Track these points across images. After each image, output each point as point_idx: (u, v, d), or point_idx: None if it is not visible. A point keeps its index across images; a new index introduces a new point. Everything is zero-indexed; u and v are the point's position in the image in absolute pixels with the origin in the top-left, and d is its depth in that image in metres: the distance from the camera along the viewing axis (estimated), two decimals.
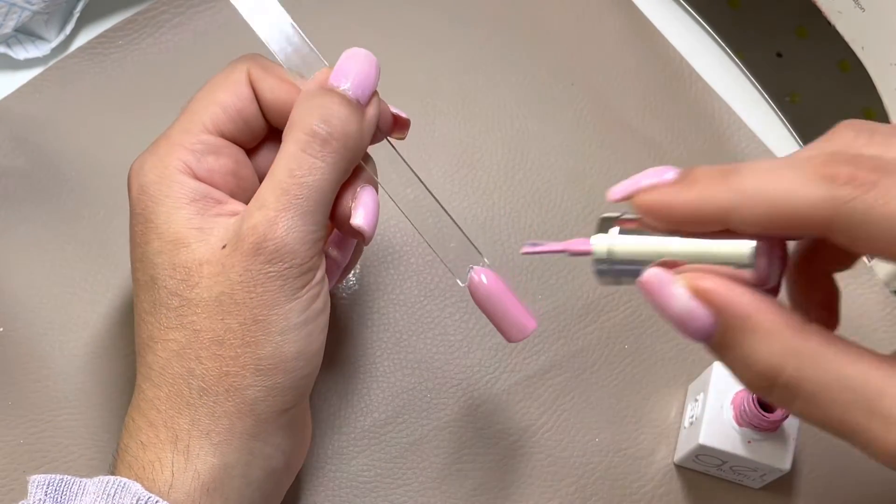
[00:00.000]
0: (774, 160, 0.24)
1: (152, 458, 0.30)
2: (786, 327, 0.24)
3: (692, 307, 0.24)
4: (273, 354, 0.31)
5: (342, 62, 0.33)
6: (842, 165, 0.22)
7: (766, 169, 0.24)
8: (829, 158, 0.23)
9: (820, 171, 0.22)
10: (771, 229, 0.24)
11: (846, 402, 0.23)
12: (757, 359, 0.24)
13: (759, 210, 0.23)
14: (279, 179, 0.31)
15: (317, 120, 0.31)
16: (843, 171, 0.22)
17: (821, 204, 0.22)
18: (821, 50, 0.68)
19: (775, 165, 0.23)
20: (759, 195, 0.23)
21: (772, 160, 0.24)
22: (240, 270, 0.30)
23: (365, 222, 0.33)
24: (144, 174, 0.32)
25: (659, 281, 0.25)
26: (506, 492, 0.39)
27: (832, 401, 0.23)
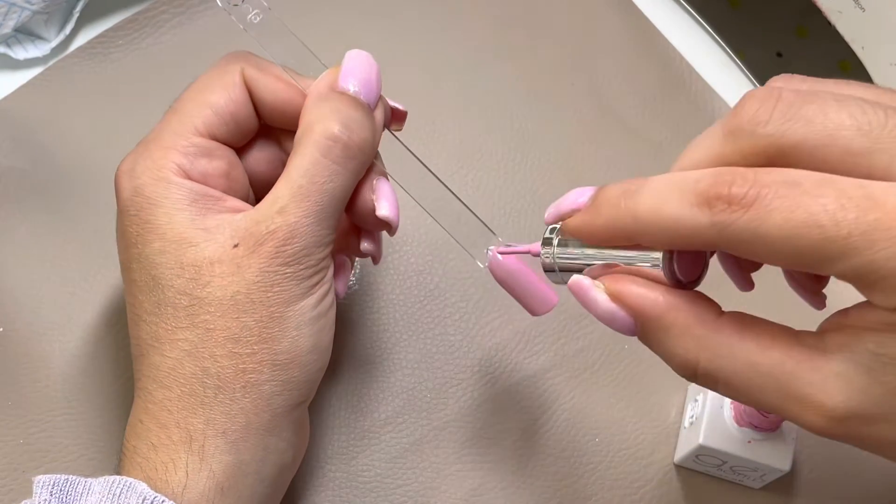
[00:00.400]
0: (670, 178, 0.25)
1: (165, 460, 0.30)
2: (696, 323, 0.25)
3: (613, 309, 0.27)
4: (289, 349, 0.31)
5: (348, 64, 0.33)
6: (721, 187, 0.23)
7: (658, 191, 0.25)
8: (712, 181, 0.23)
9: (701, 196, 0.23)
10: (671, 246, 0.26)
11: (760, 386, 0.24)
12: (674, 353, 0.26)
13: (654, 234, 0.25)
14: (300, 184, 0.31)
15: (338, 125, 0.31)
16: (722, 194, 0.23)
17: (704, 230, 0.23)
18: (821, 50, 0.68)
19: (667, 187, 0.25)
20: (651, 222, 0.25)
21: (668, 178, 0.25)
22: (256, 271, 0.31)
23: (391, 212, 0.34)
24: (137, 176, 0.32)
25: (582, 287, 0.27)
26: (506, 492, 0.39)
27: (748, 386, 0.24)
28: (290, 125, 0.34)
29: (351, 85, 0.32)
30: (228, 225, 0.31)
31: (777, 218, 0.22)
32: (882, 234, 0.21)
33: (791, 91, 0.24)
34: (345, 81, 0.32)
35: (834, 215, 0.21)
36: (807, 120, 0.23)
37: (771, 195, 0.22)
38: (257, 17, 0.33)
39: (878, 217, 0.21)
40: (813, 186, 0.22)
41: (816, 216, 0.22)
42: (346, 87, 0.32)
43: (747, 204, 0.22)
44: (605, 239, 0.27)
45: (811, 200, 0.22)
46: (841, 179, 0.22)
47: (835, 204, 0.22)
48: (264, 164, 0.35)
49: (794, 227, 0.22)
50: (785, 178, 0.22)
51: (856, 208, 0.21)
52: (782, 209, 0.22)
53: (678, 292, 0.26)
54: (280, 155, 0.36)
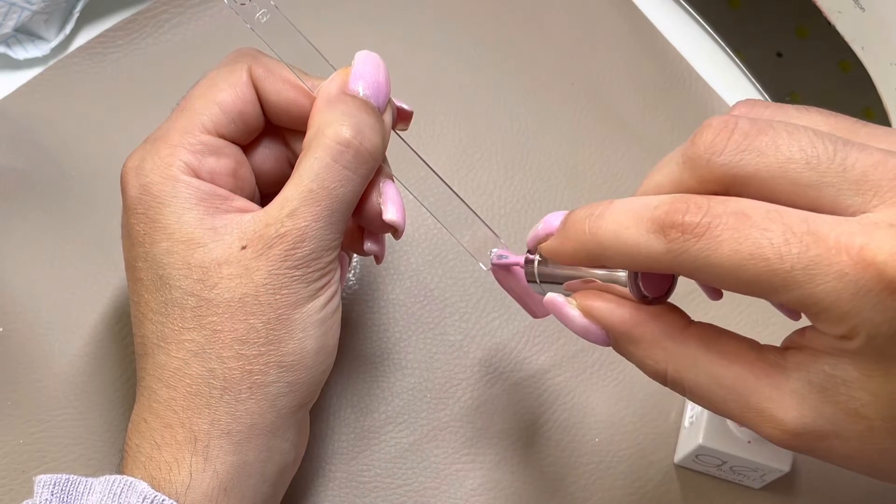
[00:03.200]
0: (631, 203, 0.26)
1: (169, 459, 0.30)
2: (662, 336, 0.27)
3: (586, 324, 0.28)
4: (296, 351, 0.31)
5: (358, 66, 0.33)
6: (676, 215, 0.24)
7: (619, 216, 0.26)
8: (667, 208, 0.24)
9: (657, 223, 0.24)
10: (632, 269, 0.27)
11: (723, 397, 0.26)
12: (643, 363, 0.27)
13: (615, 259, 0.26)
14: (310, 188, 0.31)
15: (349, 130, 0.31)
16: (676, 222, 0.24)
17: (660, 256, 0.24)
18: (821, 50, 0.68)
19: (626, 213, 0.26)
20: (612, 247, 0.26)
21: (629, 203, 0.26)
22: (265, 273, 0.31)
23: (398, 216, 0.34)
24: (146, 174, 0.32)
25: (556, 304, 0.29)
26: (506, 492, 0.39)
27: (711, 395, 0.26)
28: (296, 124, 0.34)
29: (361, 88, 0.32)
30: (236, 226, 0.31)
31: (726, 248, 0.23)
32: (822, 270, 0.22)
33: (747, 121, 0.24)
34: (355, 84, 0.32)
35: (778, 249, 0.23)
36: (759, 152, 0.24)
37: (721, 226, 0.23)
38: (264, 17, 0.33)
39: (819, 253, 0.22)
40: (761, 219, 0.23)
41: (762, 249, 0.23)
42: (356, 90, 0.32)
43: (699, 233, 0.24)
44: (574, 262, 0.28)
45: (758, 233, 0.23)
46: (788, 213, 0.23)
47: (780, 238, 0.23)
48: (270, 163, 0.35)
49: (741, 258, 0.23)
50: (735, 210, 0.23)
51: (799, 243, 0.22)
52: (731, 240, 0.23)
53: (645, 308, 0.27)
54: (286, 154, 0.36)
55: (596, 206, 0.27)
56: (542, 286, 0.30)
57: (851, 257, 0.22)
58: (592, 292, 0.28)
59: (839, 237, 0.22)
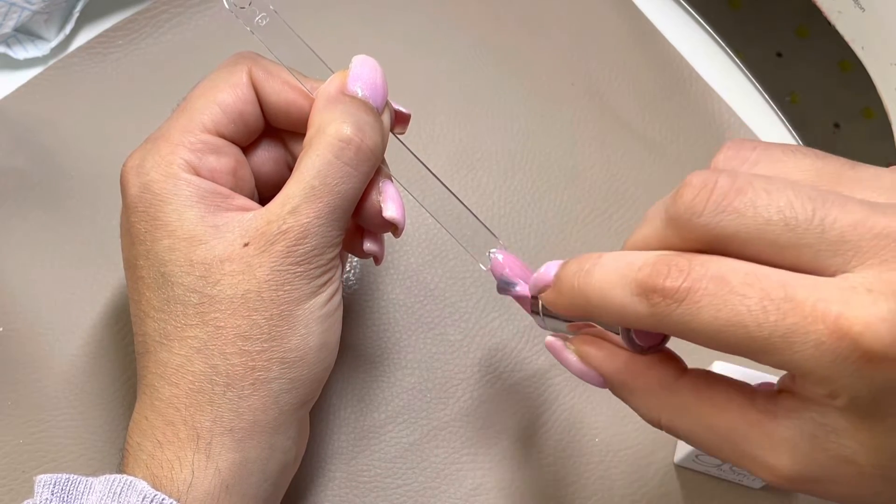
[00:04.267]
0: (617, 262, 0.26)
1: (171, 457, 0.30)
2: (656, 386, 0.27)
3: (583, 369, 0.29)
4: (299, 347, 0.31)
5: (356, 69, 0.33)
6: (657, 279, 0.24)
7: (605, 275, 0.26)
8: (649, 271, 0.25)
9: (640, 287, 0.25)
10: (622, 326, 0.27)
11: (717, 445, 0.26)
12: (638, 410, 0.28)
13: (604, 317, 0.27)
14: (312, 185, 0.31)
15: (350, 128, 0.32)
16: (657, 286, 0.24)
17: (646, 318, 0.25)
18: (821, 50, 0.68)
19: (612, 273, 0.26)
20: (600, 306, 0.26)
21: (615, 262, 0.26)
22: (267, 270, 0.31)
23: (397, 213, 0.34)
24: (146, 172, 0.32)
25: (555, 347, 0.30)
26: (506, 492, 0.39)
27: (705, 443, 0.26)
28: (295, 126, 0.34)
29: (359, 89, 0.33)
30: (238, 224, 0.31)
31: (706, 315, 0.23)
32: (799, 338, 0.22)
33: (727, 179, 0.24)
34: (353, 85, 0.33)
35: (756, 317, 0.23)
36: (738, 213, 0.24)
37: (701, 291, 0.24)
38: (264, 20, 0.34)
39: (795, 322, 0.22)
40: (739, 285, 0.23)
41: (741, 317, 0.23)
42: (354, 91, 0.33)
43: (679, 298, 0.24)
44: (569, 315, 0.29)
45: (737, 300, 0.23)
46: (767, 277, 0.23)
47: (758, 306, 0.23)
48: (269, 164, 0.36)
49: (721, 324, 0.23)
50: (716, 274, 0.24)
51: (776, 311, 0.22)
52: (710, 307, 0.23)
53: (639, 359, 0.28)
54: (285, 155, 0.36)
55: (586, 259, 0.27)
56: (546, 321, 0.31)
57: (828, 326, 0.22)
58: (589, 339, 0.29)
59: (816, 304, 0.22)
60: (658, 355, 0.28)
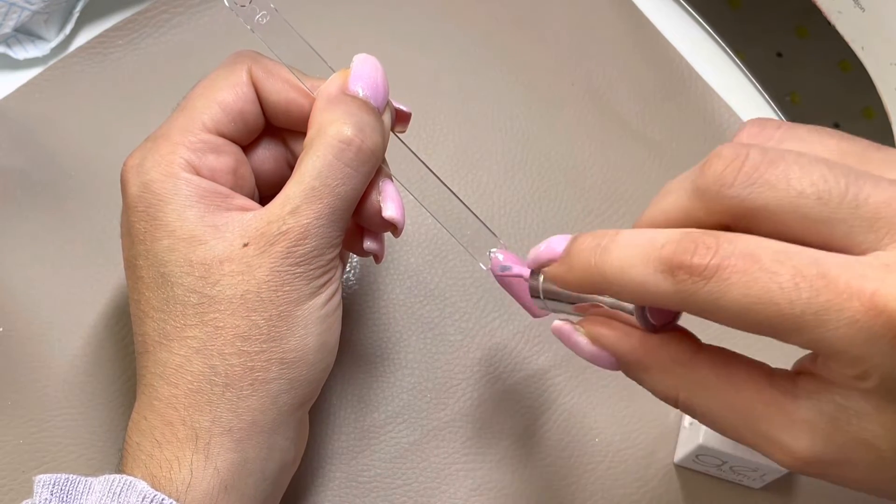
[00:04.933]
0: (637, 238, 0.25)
1: (169, 457, 0.30)
2: (672, 363, 0.27)
3: (595, 351, 0.28)
4: (298, 347, 0.31)
5: (357, 68, 0.33)
6: (684, 255, 0.24)
7: (625, 251, 0.25)
8: (675, 247, 0.24)
9: (665, 263, 0.24)
10: (639, 304, 0.27)
11: (734, 423, 0.26)
12: (654, 389, 0.27)
13: (622, 294, 0.26)
14: (312, 186, 0.31)
15: (351, 128, 0.32)
16: (684, 263, 0.23)
17: (670, 296, 0.24)
18: (821, 50, 0.68)
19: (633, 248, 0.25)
20: (618, 282, 0.25)
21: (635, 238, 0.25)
22: (267, 270, 0.31)
23: (397, 213, 0.34)
24: (146, 172, 0.32)
25: (563, 332, 0.29)
26: (506, 492, 0.39)
27: (722, 421, 0.26)
28: (296, 125, 0.34)
29: (360, 89, 0.33)
30: (238, 224, 0.31)
31: (735, 292, 0.23)
32: (833, 316, 0.22)
33: (758, 151, 0.24)
34: (354, 85, 0.33)
35: (788, 294, 0.22)
36: (770, 185, 0.23)
37: (730, 268, 0.23)
38: (264, 19, 0.34)
39: (829, 298, 0.22)
40: (770, 262, 0.23)
41: (772, 294, 0.22)
42: (355, 91, 0.32)
43: (708, 276, 0.23)
44: (580, 291, 0.28)
45: (768, 277, 0.22)
46: (798, 254, 0.23)
47: (790, 283, 0.22)
48: (269, 163, 0.36)
49: (751, 302, 0.23)
50: (745, 250, 0.23)
51: (809, 288, 0.22)
52: (740, 284, 0.23)
53: (653, 336, 0.27)
54: (285, 155, 0.36)
55: (601, 235, 0.26)
56: (546, 302, 0.30)
57: (863, 303, 0.21)
58: (600, 319, 0.28)
59: (850, 281, 0.22)
60: (672, 332, 0.27)
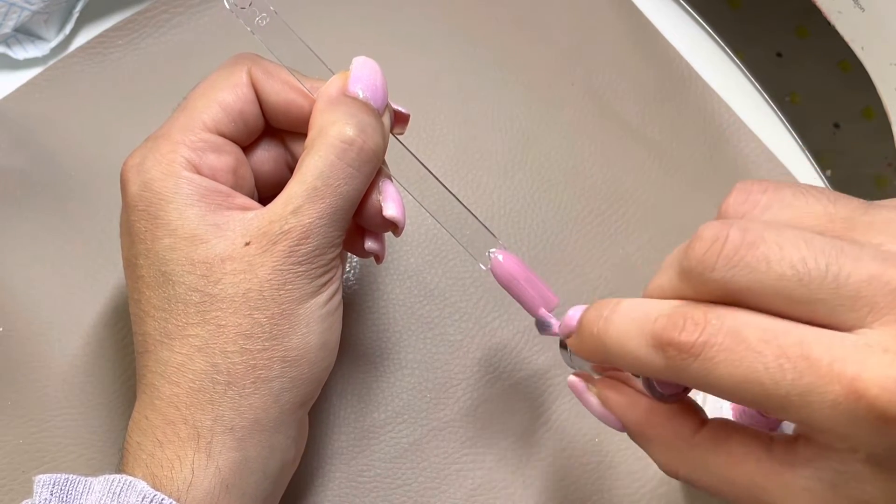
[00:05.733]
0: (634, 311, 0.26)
1: (171, 457, 0.30)
2: (675, 439, 0.27)
3: (603, 412, 0.30)
4: (300, 345, 0.32)
5: (357, 70, 0.33)
6: (672, 332, 0.24)
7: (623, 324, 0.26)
8: (665, 323, 0.25)
9: (656, 339, 0.25)
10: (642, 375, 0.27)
11: (735, 496, 0.26)
12: (656, 460, 0.28)
13: (623, 366, 0.27)
14: (315, 186, 0.31)
15: (353, 129, 0.32)
16: (672, 340, 0.24)
17: (662, 370, 0.25)
18: (821, 50, 0.68)
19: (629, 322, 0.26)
20: (618, 355, 0.26)
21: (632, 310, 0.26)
22: (269, 269, 0.31)
23: (397, 213, 0.34)
24: (147, 171, 0.32)
25: (577, 388, 0.31)
26: (506, 492, 0.39)
27: (724, 494, 0.26)
28: (295, 126, 0.34)
29: (360, 90, 0.33)
30: (239, 223, 0.31)
31: (722, 370, 0.23)
32: (815, 398, 0.22)
33: (738, 232, 0.24)
34: (354, 87, 0.33)
35: (773, 375, 0.23)
36: (750, 268, 0.24)
37: (717, 347, 0.23)
38: (264, 21, 0.34)
39: (811, 381, 0.22)
40: (756, 342, 0.23)
41: (758, 374, 0.23)
42: (355, 93, 0.33)
43: (695, 353, 0.24)
44: (591, 360, 0.29)
45: (753, 357, 0.23)
46: (783, 334, 0.23)
47: (774, 363, 0.23)
48: (269, 164, 0.36)
49: (738, 381, 0.23)
50: (731, 328, 0.24)
51: (793, 370, 0.22)
52: (727, 363, 0.23)
53: (659, 408, 0.28)
54: (285, 156, 0.36)
55: (605, 305, 0.27)
56: (573, 359, 0.31)
57: (844, 387, 0.22)
58: (612, 383, 0.29)
59: (832, 364, 0.22)
60: (678, 406, 0.28)
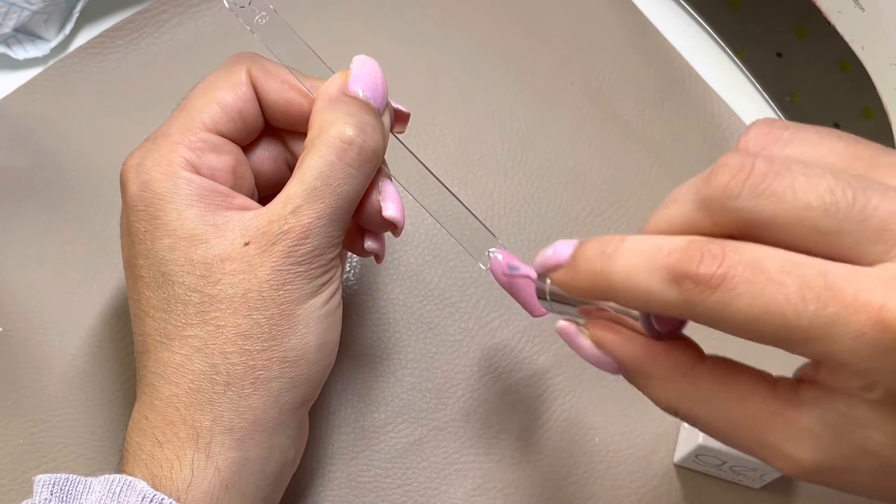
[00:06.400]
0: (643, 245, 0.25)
1: (170, 457, 0.30)
2: (674, 372, 0.26)
3: (597, 354, 0.28)
4: (299, 346, 0.32)
5: (357, 70, 0.33)
6: (689, 264, 0.23)
7: (631, 259, 0.25)
8: (681, 255, 0.24)
9: (671, 272, 0.24)
10: (645, 311, 0.26)
11: (736, 433, 0.25)
12: (655, 398, 0.27)
13: (627, 302, 0.26)
14: (314, 186, 0.31)
15: (353, 129, 0.32)
16: (690, 272, 0.23)
17: (676, 305, 0.24)
18: (821, 50, 0.68)
19: (639, 256, 0.25)
20: (624, 290, 0.25)
21: (641, 245, 0.25)
22: (268, 269, 0.31)
23: (397, 213, 0.34)
24: (146, 171, 0.32)
25: (568, 333, 0.29)
26: (506, 492, 0.39)
27: (724, 431, 0.26)
28: (295, 125, 0.34)
29: (360, 90, 0.33)
30: (238, 223, 0.31)
31: (741, 303, 0.23)
32: (839, 329, 0.22)
33: (764, 162, 0.24)
34: (354, 86, 0.33)
35: (795, 306, 0.22)
36: (776, 197, 0.23)
37: (737, 279, 0.23)
38: (263, 20, 0.34)
39: (836, 311, 0.22)
40: (777, 273, 0.22)
41: (779, 305, 0.22)
42: (355, 92, 0.33)
43: (714, 285, 0.23)
44: (586, 297, 0.28)
45: (774, 289, 0.22)
46: (805, 265, 0.22)
47: (796, 294, 0.22)
48: (269, 164, 0.36)
49: (757, 313, 0.22)
50: (751, 260, 0.23)
51: (816, 300, 0.22)
52: (746, 294, 0.23)
53: (657, 344, 0.27)
54: (284, 155, 0.36)
55: (607, 241, 0.26)
56: (553, 304, 0.30)
57: (870, 317, 0.21)
58: (605, 323, 0.28)
59: (857, 294, 0.22)
60: (676, 341, 0.27)
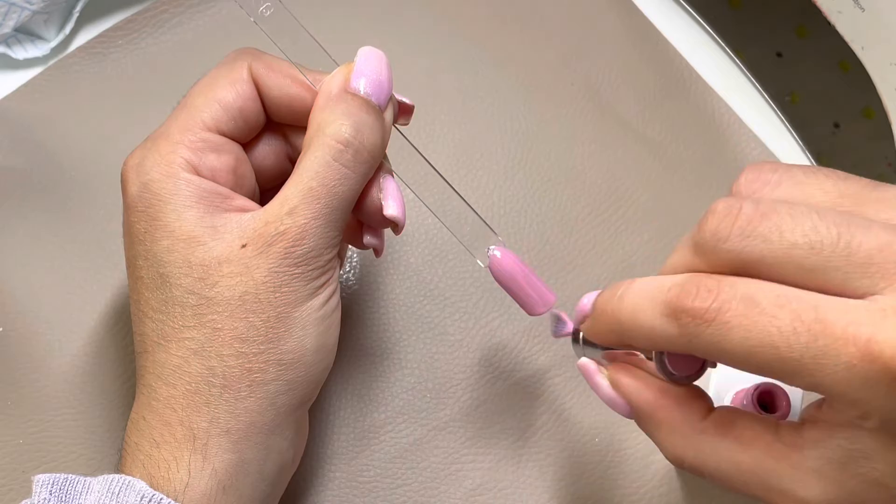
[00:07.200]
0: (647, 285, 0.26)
1: (167, 457, 0.30)
2: (683, 424, 0.27)
3: (613, 396, 0.29)
4: (296, 348, 0.31)
5: (360, 64, 0.33)
6: (685, 299, 0.24)
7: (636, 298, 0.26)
8: (678, 291, 0.25)
9: (669, 307, 0.25)
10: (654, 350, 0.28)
11: (744, 481, 0.26)
12: (663, 447, 0.28)
13: (637, 340, 0.27)
14: (310, 186, 0.31)
15: (349, 129, 0.32)
16: (686, 307, 0.24)
17: (676, 339, 0.25)
18: (821, 50, 0.68)
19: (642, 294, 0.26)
20: (632, 329, 0.26)
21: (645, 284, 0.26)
22: (265, 271, 0.31)
23: (398, 212, 0.34)
24: (146, 172, 0.32)
25: (588, 370, 0.30)
26: (506, 492, 0.39)
27: (732, 480, 0.26)
28: (298, 120, 0.34)
29: (362, 85, 0.32)
30: (236, 224, 0.31)
31: (736, 336, 0.23)
32: (830, 360, 0.22)
33: (750, 205, 0.24)
34: (356, 81, 0.32)
35: (787, 339, 0.23)
36: (763, 238, 0.24)
37: (730, 312, 0.24)
38: (268, 11, 0.33)
39: (827, 343, 0.22)
40: (769, 306, 0.23)
41: (772, 338, 0.23)
42: (357, 88, 0.32)
43: (709, 319, 0.24)
44: (607, 344, 0.29)
45: (767, 321, 0.23)
46: (797, 298, 0.23)
47: (788, 327, 0.23)
48: (271, 159, 0.35)
49: (752, 345, 0.23)
50: (745, 294, 0.24)
51: (807, 333, 0.23)
52: (740, 328, 0.23)
53: (670, 391, 0.28)
54: (286, 150, 0.36)
55: (619, 285, 0.27)
56: (585, 349, 0.31)
57: (859, 349, 0.22)
58: (624, 366, 0.29)
59: (847, 327, 0.22)
60: (687, 391, 0.28)
